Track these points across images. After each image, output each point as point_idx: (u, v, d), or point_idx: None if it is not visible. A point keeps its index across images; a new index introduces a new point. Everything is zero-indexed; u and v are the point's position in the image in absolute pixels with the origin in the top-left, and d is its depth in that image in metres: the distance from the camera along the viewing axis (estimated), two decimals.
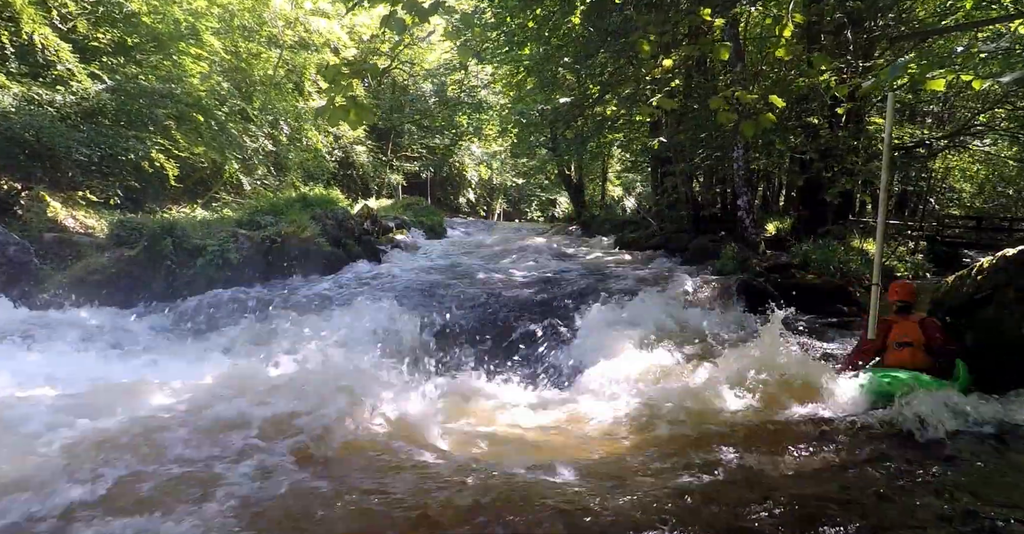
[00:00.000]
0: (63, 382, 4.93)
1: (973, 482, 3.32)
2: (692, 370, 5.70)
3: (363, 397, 4.12)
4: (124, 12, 13.02)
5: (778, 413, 4.59)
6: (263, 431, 3.70)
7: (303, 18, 21.74)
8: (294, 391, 4.13)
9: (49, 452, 3.40)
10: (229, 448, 3.50)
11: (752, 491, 3.18)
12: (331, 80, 3.16)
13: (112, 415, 3.89)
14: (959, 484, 3.30)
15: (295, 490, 3.10)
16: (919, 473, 3.44)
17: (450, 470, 3.44)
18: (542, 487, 3.22)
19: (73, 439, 3.53)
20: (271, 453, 3.47)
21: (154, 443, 3.52)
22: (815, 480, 3.35)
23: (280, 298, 8.51)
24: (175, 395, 4.35)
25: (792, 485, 3.27)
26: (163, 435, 3.61)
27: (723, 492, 3.18)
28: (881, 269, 5.27)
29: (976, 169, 21.55)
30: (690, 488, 3.22)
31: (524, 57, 15.84)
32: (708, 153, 14.40)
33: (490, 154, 37.38)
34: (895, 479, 3.36)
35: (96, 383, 4.76)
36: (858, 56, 11.23)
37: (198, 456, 3.40)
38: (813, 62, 4.70)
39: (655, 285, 9.80)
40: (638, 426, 4.41)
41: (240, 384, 4.35)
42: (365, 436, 3.89)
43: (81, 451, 3.39)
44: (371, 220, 14.48)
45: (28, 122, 9.43)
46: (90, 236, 9.85)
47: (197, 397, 4.18)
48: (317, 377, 4.46)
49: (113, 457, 3.33)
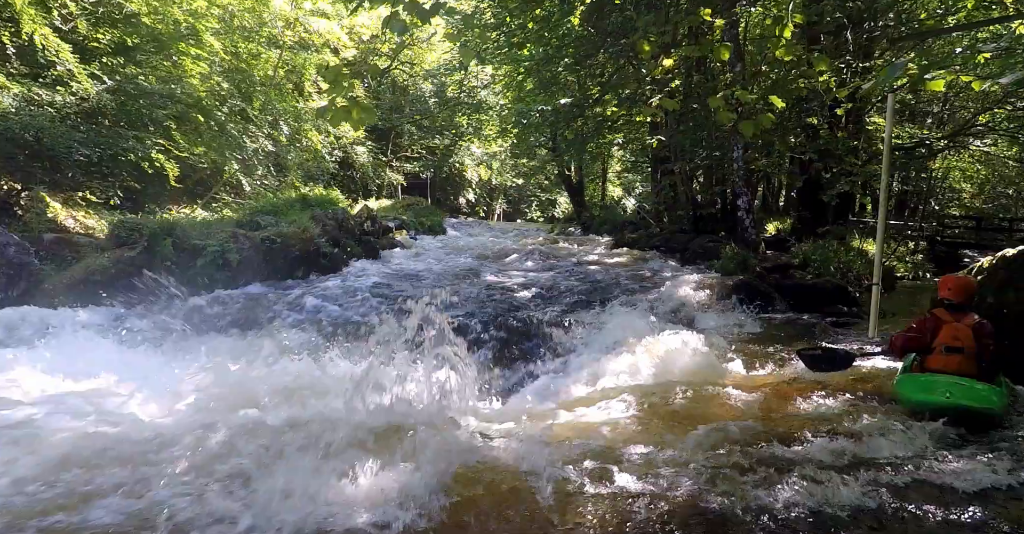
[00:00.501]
0: (61, 382, 4.92)
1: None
2: (692, 369, 5.71)
3: (364, 399, 4.12)
4: (124, 13, 13.02)
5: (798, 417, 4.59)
6: (267, 436, 3.69)
7: (303, 18, 21.73)
8: (296, 394, 4.13)
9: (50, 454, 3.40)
10: (233, 455, 3.50)
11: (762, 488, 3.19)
12: (332, 81, 3.16)
13: (112, 417, 3.90)
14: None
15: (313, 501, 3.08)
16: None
17: (451, 468, 3.44)
18: (542, 483, 3.22)
19: (69, 444, 3.53)
20: (275, 456, 3.46)
21: (155, 453, 3.52)
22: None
23: (280, 298, 8.51)
24: (176, 399, 4.35)
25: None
26: (160, 446, 3.61)
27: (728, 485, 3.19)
28: (881, 269, 5.28)
29: (976, 169, 21.57)
30: (691, 482, 3.23)
31: (524, 57, 15.85)
32: (707, 153, 14.41)
33: (490, 154, 37.38)
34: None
35: (96, 383, 4.76)
36: (858, 57, 11.25)
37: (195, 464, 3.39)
38: (813, 63, 4.70)
39: (655, 285, 9.81)
40: (638, 426, 4.41)
41: (241, 388, 4.36)
42: (366, 438, 3.89)
43: (76, 459, 3.39)
44: (371, 220, 14.48)
45: (28, 122, 9.41)
46: (90, 236, 9.84)
47: (198, 401, 4.19)
48: (318, 380, 4.46)
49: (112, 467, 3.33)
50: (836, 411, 4.57)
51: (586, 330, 7.13)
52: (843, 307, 8.91)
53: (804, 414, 4.58)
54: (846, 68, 10.52)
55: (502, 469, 3.47)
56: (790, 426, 4.27)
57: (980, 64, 11.54)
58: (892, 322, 7.59)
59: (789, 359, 6.07)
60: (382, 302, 8.38)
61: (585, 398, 5.23)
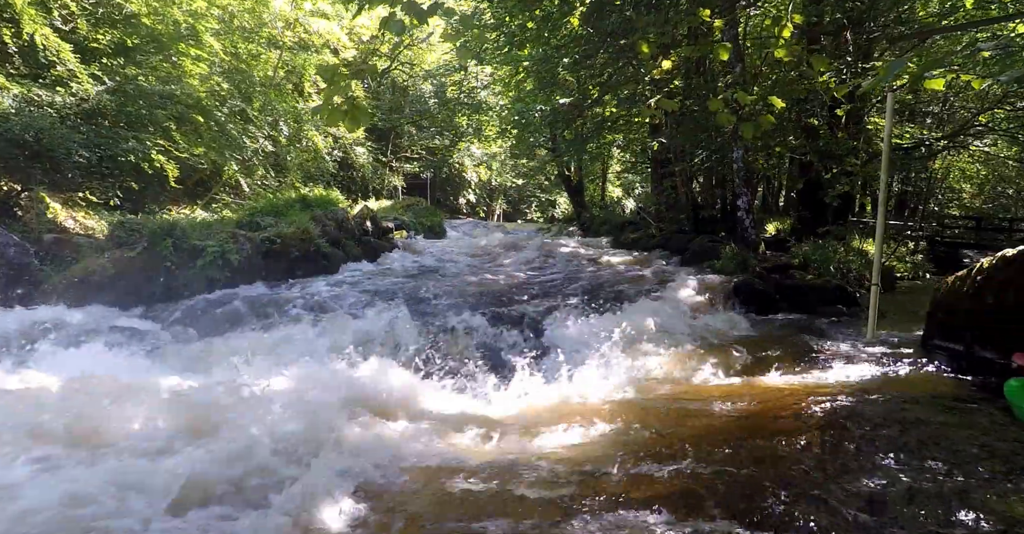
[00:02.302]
0: (61, 383, 4.91)
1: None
2: (692, 370, 5.71)
3: (366, 403, 4.13)
4: (124, 13, 13.03)
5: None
6: (269, 444, 3.69)
7: (303, 19, 21.74)
8: (298, 398, 4.13)
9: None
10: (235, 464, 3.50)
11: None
12: (329, 79, 3.14)
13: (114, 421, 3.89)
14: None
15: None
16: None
17: (454, 467, 3.44)
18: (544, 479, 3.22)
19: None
20: (283, 457, 3.47)
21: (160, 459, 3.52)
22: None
23: (280, 299, 8.50)
24: (177, 402, 4.33)
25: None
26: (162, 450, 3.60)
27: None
28: (881, 270, 5.27)
29: (976, 169, 21.55)
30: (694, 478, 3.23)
31: (523, 58, 15.83)
32: (707, 154, 14.40)
33: (490, 155, 37.40)
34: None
35: (95, 384, 4.75)
36: (858, 57, 11.24)
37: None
38: (812, 64, 4.69)
39: (655, 286, 9.81)
40: (632, 429, 4.40)
41: (240, 392, 4.35)
42: (370, 439, 3.90)
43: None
44: (371, 221, 14.47)
45: (28, 123, 9.41)
46: (90, 237, 9.84)
47: (197, 405, 4.18)
48: (319, 384, 4.46)
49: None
50: (842, 411, 4.57)
51: (585, 331, 7.12)
52: (843, 307, 8.90)
53: (819, 418, 4.57)
54: (846, 68, 10.52)
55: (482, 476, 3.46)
56: (788, 434, 4.26)
57: (980, 63, 11.56)
58: (892, 322, 7.59)
59: (791, 359, 6.07)
60: (380, 304, 8.38)
61: (578, 400, 5.22)
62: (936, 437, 3.90)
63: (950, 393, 4.79)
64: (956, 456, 3.64)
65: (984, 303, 5.21)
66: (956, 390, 4.89)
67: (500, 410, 5.12)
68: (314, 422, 3.97)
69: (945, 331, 5.74)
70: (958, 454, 3.67)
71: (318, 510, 3.00)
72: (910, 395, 4.67)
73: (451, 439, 4.22)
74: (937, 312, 5.82)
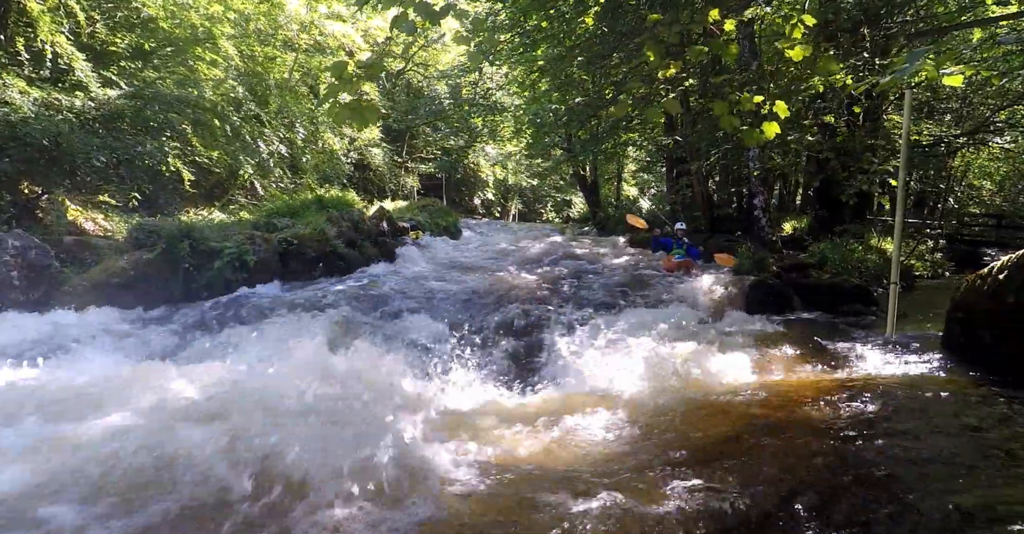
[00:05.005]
0: (80, 384, 4.96)
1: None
2: (709, 368, 5.67)
3: (386, 404, 4.13)
4: (141, 17, 13.17)
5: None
6: (294, 447, 3.71)
7: (318, 22, 21.87)
8: (320, 400, 4.13)
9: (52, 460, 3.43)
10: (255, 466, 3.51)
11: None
12: (338, 76, 3.15)
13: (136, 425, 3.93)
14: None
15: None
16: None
17: (468, 470, 3.44)
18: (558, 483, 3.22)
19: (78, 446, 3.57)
20: (293, 462, 3.47)
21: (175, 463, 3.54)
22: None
23: (297, 299, 8.55)
24: (199, 404, 4.36)
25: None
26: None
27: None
28: (899, 268, 5.21)
29: (996, 166, 21.30)
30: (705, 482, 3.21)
31: (538, 57, 15.83)
32: (723, 153, 14.33)
33: (505, 155, 37.43)
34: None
35: (116, 384, 4.79)
36: (875, 54, 11.13)
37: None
38: (821, 64, 4.65)
39: (670, 285, 9.78)
40: (646, 429, 4.38)
41: (264, 393, 4.37)
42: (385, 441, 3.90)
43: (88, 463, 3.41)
44: (386, 222, 14.52)
45: (47, 128, 9.54)
46: (109, 239, 9.96)
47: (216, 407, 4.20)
48: (341, 386, 4.46)
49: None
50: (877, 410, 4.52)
51: (599, 330, 7.10)
52: (861, 306, 8.80)
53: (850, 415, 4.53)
54: (863, 65, 10.42)
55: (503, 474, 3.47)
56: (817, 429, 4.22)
57: (1000, 60, 11.42)
58: (911, 322, 7.50)
59: (808, 358, 6.02)
60: (397, 302, 8.41)
61: (594, 399, 5.20)
62: (961, 437, 3.84)
63: (973, 393, 4.72)
64: (985, 460, 3.58)
65: (1004, 302, 5.13)
66: (978, 390, 4.82)
67: (519, 406, 5.11)
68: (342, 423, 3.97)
69: (965, 331, 5.66)
70: (988, 458, 3.61)
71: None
72: (932, 395, 4.61)
73: (470, 433, 4.23)
74: (957, 311, 5.74)
